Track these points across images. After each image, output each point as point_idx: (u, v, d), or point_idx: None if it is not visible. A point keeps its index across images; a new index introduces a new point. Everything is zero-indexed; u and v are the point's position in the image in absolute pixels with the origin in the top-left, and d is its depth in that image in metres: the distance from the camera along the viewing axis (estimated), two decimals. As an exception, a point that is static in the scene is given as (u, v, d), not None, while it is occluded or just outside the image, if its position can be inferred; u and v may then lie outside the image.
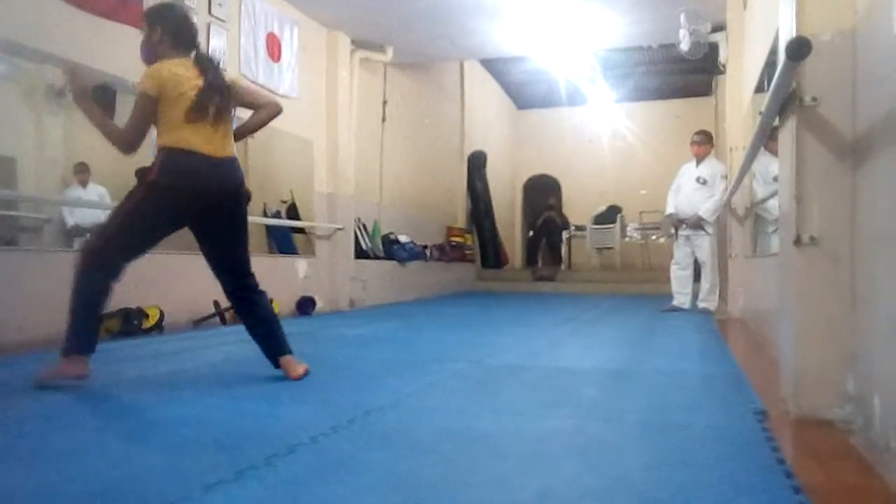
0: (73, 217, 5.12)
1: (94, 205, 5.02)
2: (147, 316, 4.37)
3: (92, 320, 2.70)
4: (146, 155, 2.90)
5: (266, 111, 2.92)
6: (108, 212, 2.82)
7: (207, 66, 2.79)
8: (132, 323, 4.26)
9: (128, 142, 2.69)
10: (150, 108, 2.66)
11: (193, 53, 2.81)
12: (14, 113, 4.16)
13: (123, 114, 2.86)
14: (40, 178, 3.01)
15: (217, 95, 2.73)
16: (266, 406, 2.35)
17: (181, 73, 2.69)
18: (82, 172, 5.37)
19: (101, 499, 1.46)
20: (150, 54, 2.80)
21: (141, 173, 2.71)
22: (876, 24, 1.89)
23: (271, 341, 2.88)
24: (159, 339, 4.27)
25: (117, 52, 4.53)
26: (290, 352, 2.87)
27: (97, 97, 2.88)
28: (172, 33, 2.78)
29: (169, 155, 2.66)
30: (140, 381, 2.87)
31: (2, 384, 2.66)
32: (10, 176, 3.73)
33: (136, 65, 4.69)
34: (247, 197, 2.86)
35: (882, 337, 1.83)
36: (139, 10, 4.64)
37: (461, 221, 11.11)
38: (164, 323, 4.54)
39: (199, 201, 2.73)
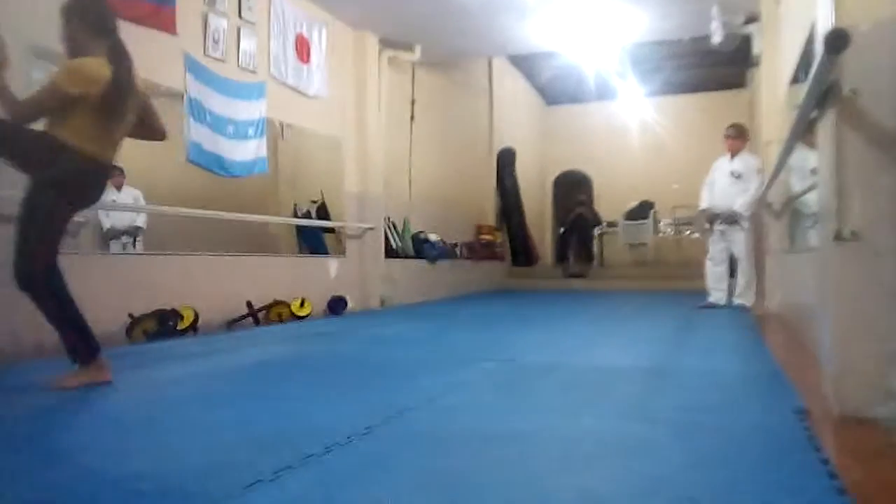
0: (109, 220, 5.22)
1: (133, 208, 5.11)
2: (182, 317, 4.44)
3: (83, 321, 2.75)
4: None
5: (154, 135, 3.01)
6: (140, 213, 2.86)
7: (119, 59, 2.76)
8: (167, 324, 4.33)
9: (20, 117, 2.64)
10: (57, 104, 2.64)
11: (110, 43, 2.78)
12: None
13: (164, 119, 2.91)
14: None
15: (118, 93, 2.72)
16: (301, 406, 2.37)
17: (103, 74, 2.68)
18: (117, 176, 5.46)
19: (147, 498, 1.49)
20: (73, 47, 2.77)
21: None
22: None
23: None
24: (194, 341, 4.33)
25: (151, 58, 4.59)
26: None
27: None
28: (91, 24, 2.77)
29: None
30: (176, 382, 2.92)
31: (41, 388, 2.71)
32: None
33: (172, 71, 4.81)
34: None
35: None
36: (173, 16, 4.72)
37: (491, 219, 11.07)
38: (198, 324, 4.60)
39: None
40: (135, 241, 5.51)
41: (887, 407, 2.04)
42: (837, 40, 1.95)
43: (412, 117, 8.40)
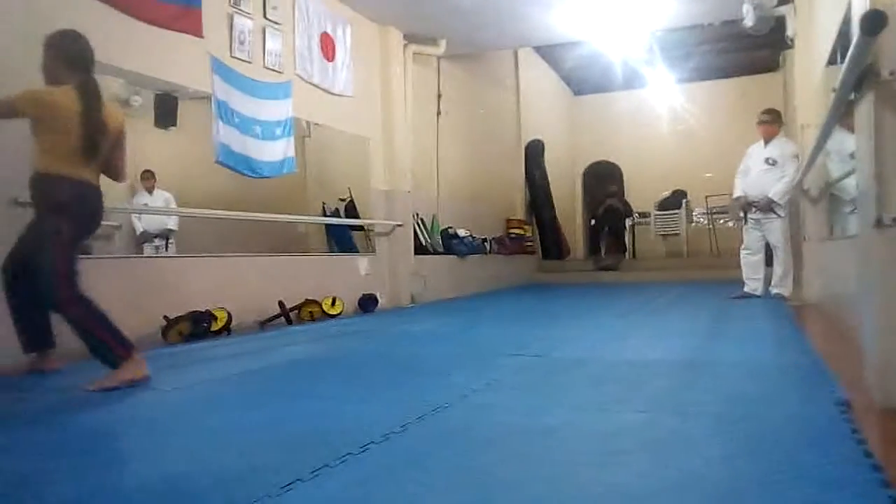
0: (142, 223, 5.30)
1: (165, 211, 5.17)
2: (215, 318, 4.48)
3: (110, 321, 2.85)
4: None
5: (115, 175, 3.16)
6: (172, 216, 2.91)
7: (88, 96, 2.92)
8: (201, 325, 4.38)
9: None
10: (10, 115, 2.91)
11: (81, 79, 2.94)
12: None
13: (187, 122, 2.94)
14: (109, 186, 3.14)
15: (91, 127, 2.88)
16: (336, 405, 2.37)
17: (60, 102, 2.86)
18: (148, 179, 5.55)
19: (185, 499, 1.51)
20: (48, 75, 2.99)
21: None
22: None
23: None
24: (228, 341, 4.38)
25: (179, 61, 4.65)
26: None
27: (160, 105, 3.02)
28: (67, 58, 2.95)
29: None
30: (212, 383, 2.95)
31: (67, 389, 2.76)
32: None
33: (198, 73, 4.85)
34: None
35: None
36: (199, 20, 4.76)
37: (520, 213, 11.01)
38: (231, 325, 4.65)
39: None
40: (167, 243, 5.60)
41: (934, 398, 1.97)
42: (874, 22, 1.89)
43: (439, 112, 8.39)
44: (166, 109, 5.42)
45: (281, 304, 5.20)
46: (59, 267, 2.78)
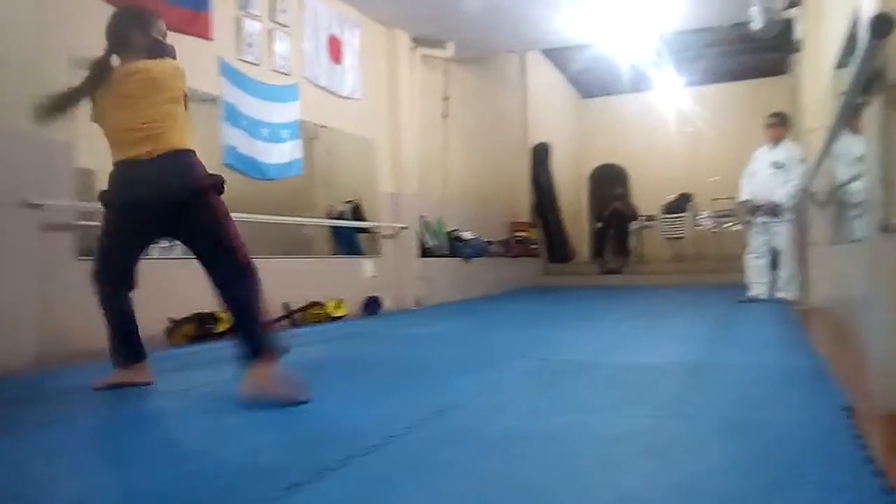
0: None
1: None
2: (219, 320, 4.50)
3: (125, 330, 2.81)
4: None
5: None
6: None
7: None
8: (205, 327, 4.39)
9: None
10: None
11: None
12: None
13: (194, 124, 2.95)
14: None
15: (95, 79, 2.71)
16: (340, 407, 2.38)
17: None
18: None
19: (192, 500, 1.51)
20: (152, 49, 2.82)
21: None
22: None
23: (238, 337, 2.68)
24: (232, 343, 4.38)
25: (187, 64, 4.64)
26: (262, 355, 2.55)
27: None
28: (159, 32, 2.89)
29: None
30: (216, 385, 2.96)
31: (81, 389, 2.78)
32: (90, 187, 3.92)
33: (207, 76, 4.87)
34: (210, 187, 2.72)
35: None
36: (208, 23, 4.79)
37: (526, 215, 11.00)
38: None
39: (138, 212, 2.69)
40: (172, 244, 5.60)
41: (939, 404, 1.97)
42: (883, 25, 1.88)
43: (445, 115, 8.39)
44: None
45: (286, 306, 5.21)
46: (96, 260, 2.83)
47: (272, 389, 2.43)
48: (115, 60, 2.75)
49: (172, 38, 4.48)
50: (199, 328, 4.34)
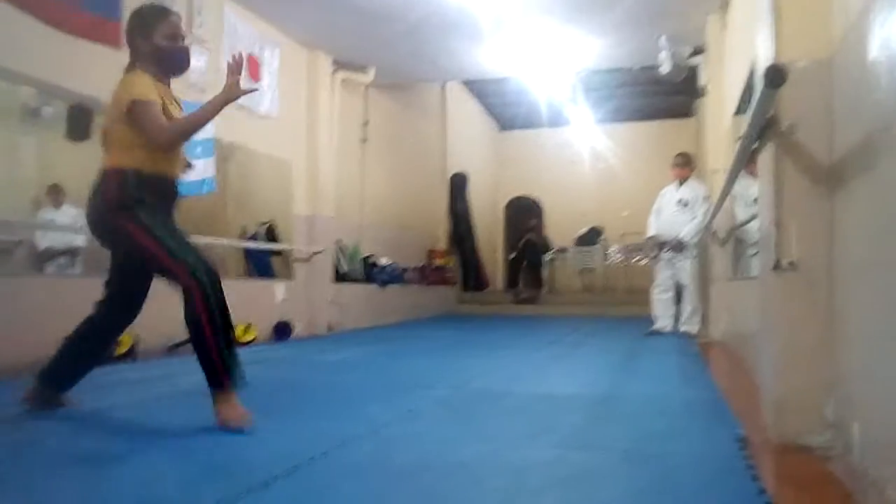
0: (46, 240, 5.02)
1: (67, 228, 4.93)
2: (119, 342, 4.27)
3: (64, 361, 2.69)
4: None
5: None
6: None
7: None
8: (104, 348, 4.15)
9: None
10: None
11: None
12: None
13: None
14: (11, 199, 2.95)
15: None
16: (241, 437, 2.29)
17: None
18: (55, 194, 5.28)
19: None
20: None
21: None
22: (850, 53, 1.90)
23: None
24: (132, 367, 4.18)
25: (95, 73, 4.48)
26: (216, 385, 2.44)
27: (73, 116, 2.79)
28: None
29: None
30: (110, 412, 2.80)
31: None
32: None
33: (114, 86, 4.67)
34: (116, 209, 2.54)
35: (859, 363, 1.82)
36: (118, 31, 4.60)
37: (442, 243, 11.07)
38: (137, 349, 4.44)
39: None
40: (73, 262, 5.32)
41: (823, 436, 2.07)
42: (776, 75, 2.01)
43: (365, 139, 8.38)
44: (80, 122, 5.19)
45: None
46: None
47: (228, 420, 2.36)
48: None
49: (78, 45, 4.33)
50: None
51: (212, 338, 2.50)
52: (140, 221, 2.52)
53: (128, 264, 2.64)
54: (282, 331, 6.19)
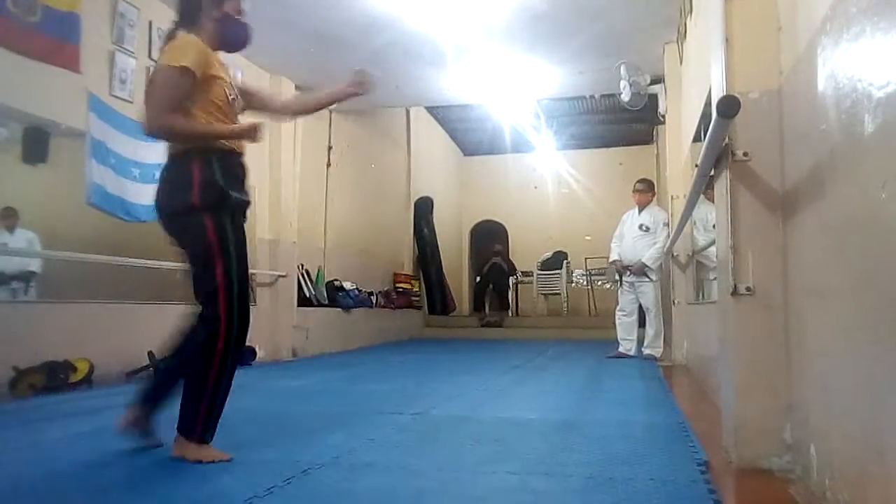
0: (-1, 264, 4.89)
1: (21, 252, 4.82)
2: (75, 369, 4.16)
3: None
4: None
5: None
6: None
7: None
8: (58, 377, 4.04)
9: None
10: None
11: None
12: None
13: (58, 159, 2.76)
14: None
15: None
16: (197, 468, 2.23)
17: None
18: (9, 217, 5.17)
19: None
20: None
21: None
22: (799, 85, 1.96)
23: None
24: (88, 394, 4.06)
25: (52, 96, 4.41)
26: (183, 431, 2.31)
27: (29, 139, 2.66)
28: None
29: None
30: (62, 442, 2.71)
31: None
32: None
33: (73, 110, 4.60)
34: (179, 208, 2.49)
35: (815, 386, 1.85)
36: (76, 53, 4.55)
37: (408, 268, 11.06)
38: (93, 376, 4.32)
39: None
40: (27, 287, 5.18)
41: (782, 459, 2.10)
42: (729, 106, 2.06)
43: (329, 164, 8.36)
44: (36, 144, 5.09)
45: (151, 354, 4.89)
46: None
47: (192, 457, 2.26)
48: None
49: (35, 67, 4.26)
50: (50, 378, 3.99)
51: (213, 383, 2.37)
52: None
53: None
54: (244, 356, 6.08)
